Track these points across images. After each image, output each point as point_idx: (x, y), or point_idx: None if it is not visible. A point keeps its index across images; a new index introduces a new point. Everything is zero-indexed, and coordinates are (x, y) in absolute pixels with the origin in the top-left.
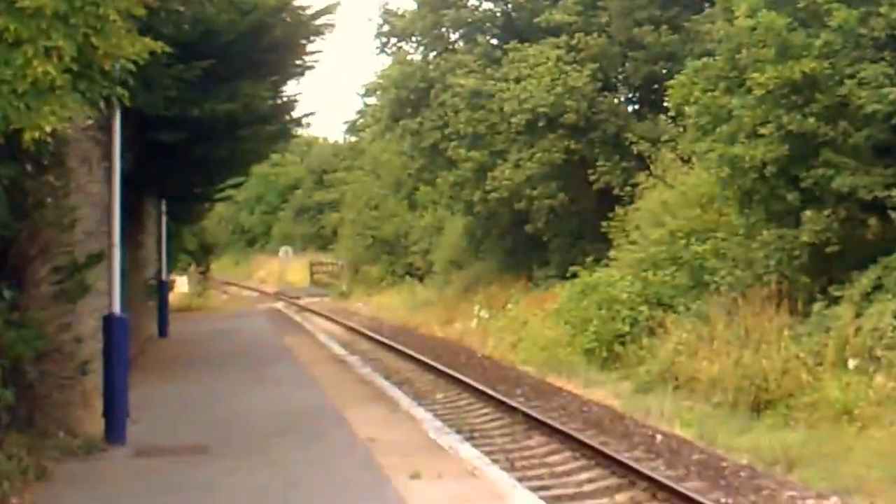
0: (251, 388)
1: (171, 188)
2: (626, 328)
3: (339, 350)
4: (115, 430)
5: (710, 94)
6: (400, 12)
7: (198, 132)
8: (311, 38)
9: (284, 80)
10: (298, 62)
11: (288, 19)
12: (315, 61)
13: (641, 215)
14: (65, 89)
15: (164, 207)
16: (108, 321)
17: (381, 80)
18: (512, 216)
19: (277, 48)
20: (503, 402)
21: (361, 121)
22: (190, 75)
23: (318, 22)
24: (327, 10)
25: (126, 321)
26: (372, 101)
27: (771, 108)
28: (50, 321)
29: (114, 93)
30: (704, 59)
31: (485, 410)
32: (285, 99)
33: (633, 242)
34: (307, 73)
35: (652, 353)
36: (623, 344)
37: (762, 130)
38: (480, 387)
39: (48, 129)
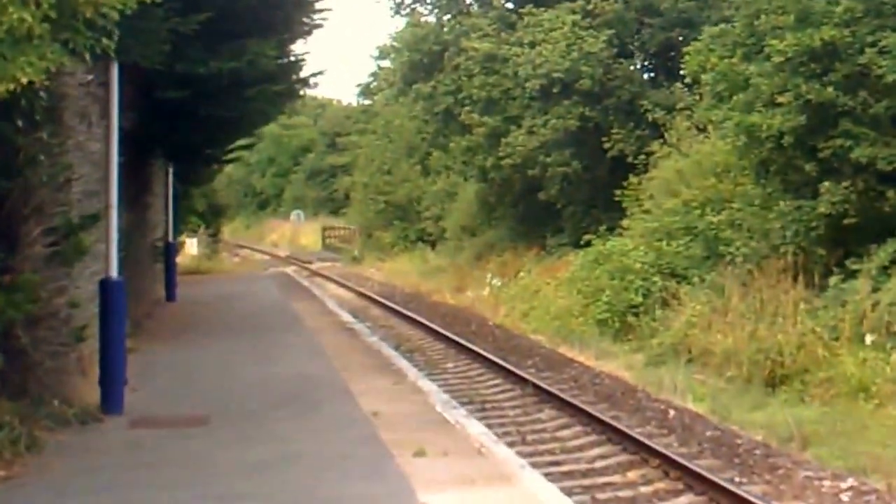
0: (255, 355)
1: (177, 149)
2: (639, 299)
3: (347, 317)
4: (111, 399)
5: (727, 61)
6: None
7: (202, 91)
8: None
9: (292, 39)
10: (306, 20)
11: None
12: (324, 19)
13: (656, 184)
14: (44, 39)
15: (170, 168)
16: (105, 285)
17: (395, 43)
18: (525, 183)
19: (285, 4)
20: (514, 373)
21: (374, 84)
22: (186, 29)
23: None
24: None
25: (123, 285)
26: (385, 63)
27: (789, 76)
28: (43, 284)
29: (99, 45)
30: (722, 26)
31: (495, 381)
32: (293, 58)
33: (646, 212)
34: (315, 31)
35: (665, 325)
36: (636, 315)
37: (780, 99)
38: (491, 356)
39: (24, 80)
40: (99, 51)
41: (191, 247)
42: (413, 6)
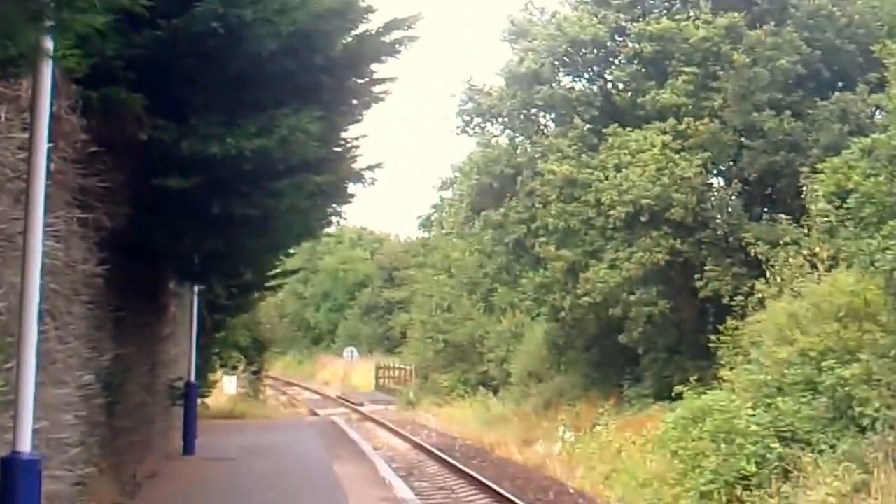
0: None
1: (189, 262)
2: (753, 468)
3: (402, 489)
4: None
5: (874, 179)
6: (486, 89)
7: (216, 179)
8: (382, 58)
9: (342, 115)
10: (362, 90)
11: (351, 29)
12: (385, 92)
13: (763, 329)
14: None
15: (195, 292)
16: (7, 465)
17: (463, 164)
18: (600, 324)
19: (333, 68)
20: None
21: (436, 216)
22: (136, 5)
23: (389, 38)
24: (404, 23)
25: (38, 464)
26: (448, 194)
27: None
28: None
29: None
30: (874, 136)
31: None
32: (343, 143)
33: (750, 361)
34: (374, 105)
35: None
36: (748, 488)
37: None
38: None
39: None
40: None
41: (228, 385)
42: (483, 125)
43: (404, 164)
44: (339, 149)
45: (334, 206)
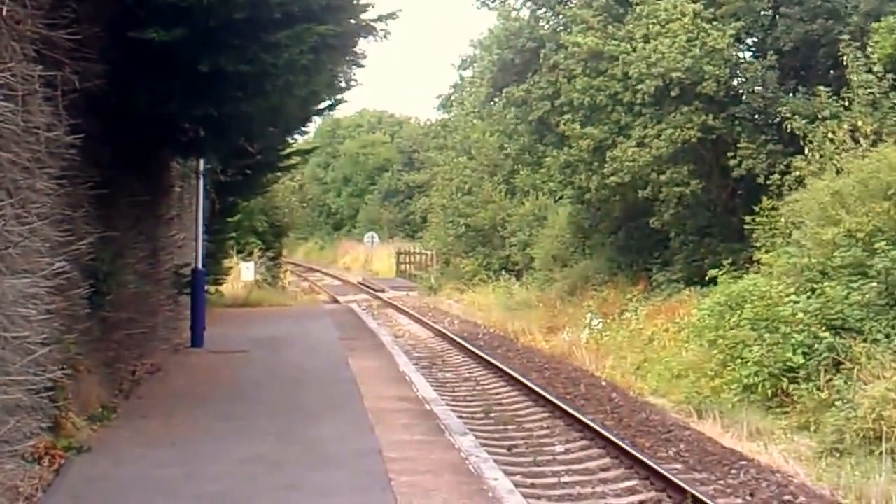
0: (270, 477)
1: (179, 130)
2: (799, 359)
3: (423, 386)
4: None
5: None
6: None
7: (203, 30)
8: None
9: None
10: None
11: None
12: None
13: (804, 208)
14: None
15: (200, 170)
16: None
17: (483, 39)
18: (626, 206)
19: None
20: (654, 471)
21: (456, 95)
22: None
23: None
24: None
25: None
26: (468, 73)
27: None
28: None
29: None
30: None
31: (627, 484)
32: None
33: (790, 243)
34: None
35: (841, 398)
36: (796, 381)
37: None
38: (616, 440)
39: None
40: None
41: (245, 272)
42: None
43: (423, 45)
44: None
45: (343, 67)
